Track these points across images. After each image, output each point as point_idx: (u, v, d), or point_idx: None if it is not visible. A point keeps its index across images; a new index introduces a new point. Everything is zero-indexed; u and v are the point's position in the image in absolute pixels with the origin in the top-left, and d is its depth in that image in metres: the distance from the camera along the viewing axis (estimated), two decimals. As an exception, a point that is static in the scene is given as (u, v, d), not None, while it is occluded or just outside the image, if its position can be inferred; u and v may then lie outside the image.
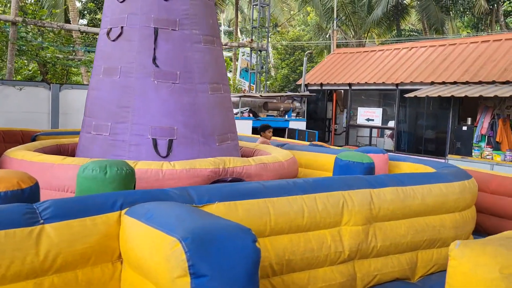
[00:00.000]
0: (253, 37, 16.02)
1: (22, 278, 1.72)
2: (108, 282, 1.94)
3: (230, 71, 23.30)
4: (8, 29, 12.31)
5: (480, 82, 10.16)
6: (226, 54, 31.39)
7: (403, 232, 3.01)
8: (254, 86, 18.62)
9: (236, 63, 22.24)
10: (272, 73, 29.68)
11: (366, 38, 25.09)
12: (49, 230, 1.79)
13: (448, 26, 26.82)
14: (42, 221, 1.80)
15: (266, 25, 15.81)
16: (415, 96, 10.58)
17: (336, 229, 2.73)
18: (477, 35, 18.02)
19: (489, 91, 9.10)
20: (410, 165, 4.59)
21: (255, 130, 12.47)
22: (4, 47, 12.96)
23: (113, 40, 4.44)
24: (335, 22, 18.73)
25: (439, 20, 22.52)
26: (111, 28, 4.49)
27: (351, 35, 26.50)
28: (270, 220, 2.43)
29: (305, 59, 15.72)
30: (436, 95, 9.89)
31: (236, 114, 12.22)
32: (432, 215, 3.21)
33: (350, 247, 2.76)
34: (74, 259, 1.84)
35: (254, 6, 15.77)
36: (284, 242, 2.52)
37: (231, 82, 19.33)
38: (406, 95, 11.25)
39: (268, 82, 26.30)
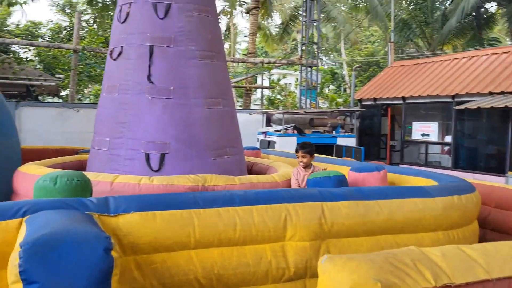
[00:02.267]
0: (302, 54, 15.97)
1: None
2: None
3: None
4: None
5: (542, 91, 9.17)
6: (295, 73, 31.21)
7: (365, 251, 2.75)
8: (315, 103, 18.36)
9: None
10: (347, 91, 29.14)
11: (442, 50, 23.72)
12: None
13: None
14: None
15: (316, 41, 15.70)
16: (466, 108, 9.79)
17: (279, 244, 2.57)
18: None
19: (549, 100, 8.17)
20: (416, 179, 4.24)
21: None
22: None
23: (115, 59, 4.66)
24: (392, 34, 18.06)
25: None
26: (113, 48, 4.72)
27: (426, 48, 25.23)
28: (194, 232, 2.35)
29: (353, 73, 15.30)
30: (488, 106, 9.07)
31: (280, 131, 12.13)
32: (404, 233, 2.91)
33: (296, 264, 2.58)
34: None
35: (303, 23, 15.76)
36: (214, 255, 2.41)
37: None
38: (456, 107, 10.46)
39: (340, 100, 25.79)
